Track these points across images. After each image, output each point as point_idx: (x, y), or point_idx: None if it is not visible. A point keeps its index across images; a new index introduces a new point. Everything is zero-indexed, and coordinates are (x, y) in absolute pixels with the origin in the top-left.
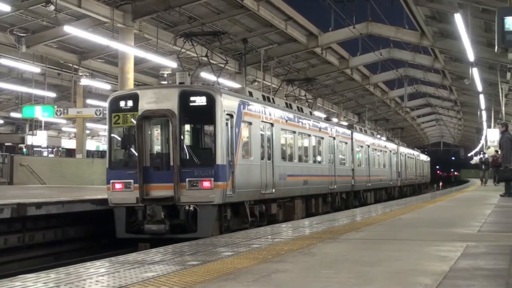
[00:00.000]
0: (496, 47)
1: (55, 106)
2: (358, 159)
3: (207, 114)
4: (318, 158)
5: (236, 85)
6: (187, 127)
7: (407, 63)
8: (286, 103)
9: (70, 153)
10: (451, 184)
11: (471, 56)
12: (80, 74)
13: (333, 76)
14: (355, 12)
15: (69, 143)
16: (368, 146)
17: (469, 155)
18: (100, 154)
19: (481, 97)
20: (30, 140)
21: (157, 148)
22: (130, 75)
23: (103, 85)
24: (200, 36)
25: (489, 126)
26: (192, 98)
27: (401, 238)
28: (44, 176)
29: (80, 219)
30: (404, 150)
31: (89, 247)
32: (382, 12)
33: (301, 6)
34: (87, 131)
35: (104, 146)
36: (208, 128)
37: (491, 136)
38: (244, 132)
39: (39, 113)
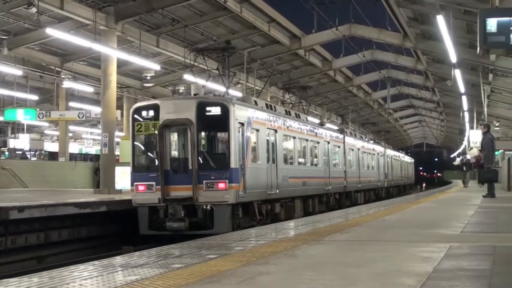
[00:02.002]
0: (478, 49)
1: (38, 109)
2: (350, 161)
3: (222, 122)
4: (315, 161)
5: (218, 88)
6: (204, 134)
7: (390, 64)
8: (286, 110)
9: (53, 156)
10: (434, 186)
11: (453, 57)
12: (63, 76)
13: (316, 77)
14: (337, 14)
15: (51, 146)
16: (358, 149)
17: (452, 156)
18: (83, 157)
19: (464, 98)
20: (12, 143)
21: (176, 153)
22: (113, 78)
23: (86, 88)
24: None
25: (471, 127)
26: (208, 108)
27: (385, 240)
28: (26, 180)
29: (64, 222)
30: (390, 152)
31: (73, 250)
32: (364, 14)
33: (284, 8)
34: (70, 134)
35: (87, 149)
36: (222, 135)
37: (474, 137)
38: (253, 138)
39: (21, 116)
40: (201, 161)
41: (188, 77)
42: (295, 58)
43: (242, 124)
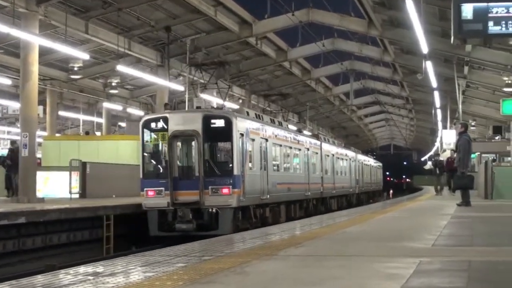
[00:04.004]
0: (452, 38)
1: None
2: (326, 167)
3: (226, 133)
4: (297, 168)
5: (158, 80)
6: (209, 144)
7: (353, 55)
8: (270, 119)
9: None
10: (402, 192)
11: (424, 47)
12: None
13: (270, 70)
14: None
15: None
16: (333, 155)
17: (422, 159)
18: None
19: (436, 93)
20: None
21: (184, 161)
22: (35, 68)
23: (2, 80)
24: (206, 66)
25: (444, 127)
26: (213, 121)
27: (346, 254)
28: None
29: None
30: (361, 157)
31: None
32: None
33: None
34: None
35: (3, 151)
36: (226, 145)
37: (447, 137)
38: (250, 147)
39: None
40: (207, 169)
41: (121, 68)
42: (245, 47)
43: (242, 134)
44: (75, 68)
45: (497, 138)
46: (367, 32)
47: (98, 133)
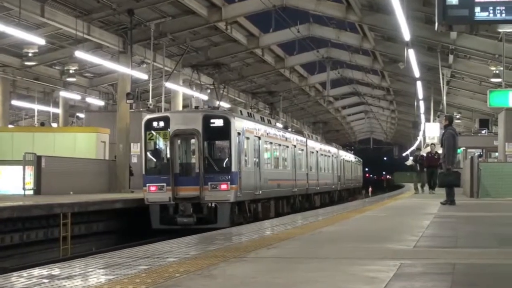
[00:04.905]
0: (436, 24)
1: None
2: (311, 164)
3: (224, 132)
4: (286, 164)
5: (120, 68)
6: (209, 142)
7: (330, 42)
8: (261, 117)
9: None
10: (383, 190)
11: (406, 34)
12: None
13: (240, 57)
14: None
15: None
16: (317, 152)
17: (404, 154)
18: None
19: (419, 84)
20: None
21: (184, 158)
22: None
23: None
24: (205, 66)
25: (428, 120)
26: (212, 120)
27: (322, 256)
28: None
29: None
30: (342, 153)
31: None
32: None
33: None
34: None
35: None
36: (225, 143)
37: (430, 131)
38: (245, 145)
39: None
40: (206, 166)
41: (80, 54)
42: (214, 33)
43: (239, 133)
44: (30, 54)
45: (483, 132)
46: (345, 17)
47: (54, 125)
